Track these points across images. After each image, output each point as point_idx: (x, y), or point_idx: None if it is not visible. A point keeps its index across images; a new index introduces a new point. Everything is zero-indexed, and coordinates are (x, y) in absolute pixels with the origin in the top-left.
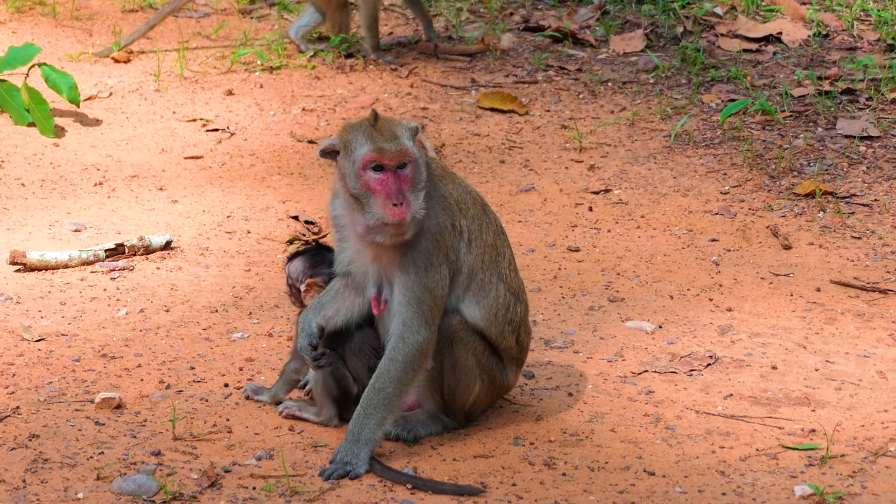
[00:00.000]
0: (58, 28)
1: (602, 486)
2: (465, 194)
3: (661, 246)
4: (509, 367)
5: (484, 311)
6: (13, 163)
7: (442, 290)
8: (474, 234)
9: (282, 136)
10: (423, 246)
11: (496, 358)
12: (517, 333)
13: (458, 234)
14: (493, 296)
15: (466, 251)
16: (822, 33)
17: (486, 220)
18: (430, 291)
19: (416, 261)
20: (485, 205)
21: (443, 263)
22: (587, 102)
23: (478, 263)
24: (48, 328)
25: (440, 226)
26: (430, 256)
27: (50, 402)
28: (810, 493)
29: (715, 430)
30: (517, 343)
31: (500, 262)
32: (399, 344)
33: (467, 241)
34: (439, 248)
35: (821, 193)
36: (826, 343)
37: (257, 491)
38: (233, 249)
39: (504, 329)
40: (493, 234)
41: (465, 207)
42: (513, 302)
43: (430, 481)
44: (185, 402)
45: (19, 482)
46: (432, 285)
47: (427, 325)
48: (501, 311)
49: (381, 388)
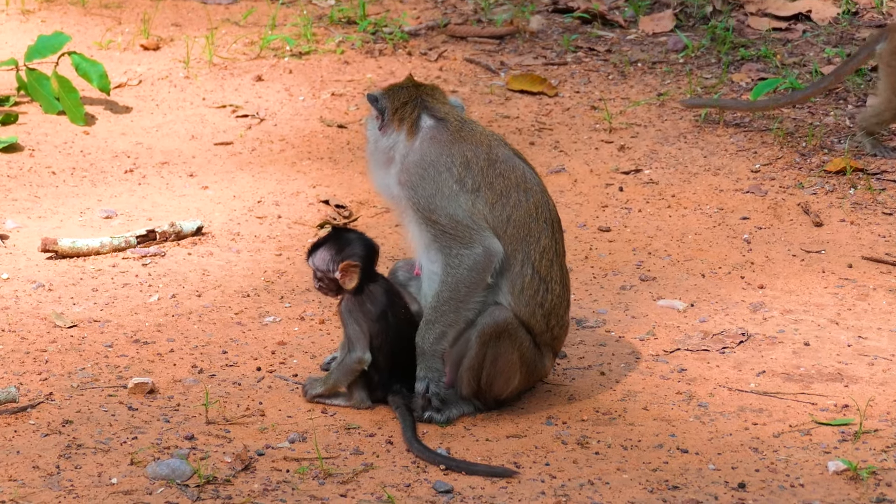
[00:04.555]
0: (87, 16)
1: (635, 464)
2: (488, 162)
3: (692, 225)
4: (546, 355)
5: (509, 284)
6: (44, 151)
7: (458, 217)
8: (493, 199)
9: (311, 121)
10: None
11: (537, 349)
12: (548, 320)
13: (457, 181)
14: (518, 271)
15: (478, 202)
16: (852, 11)
17: (520, 198)
18: (445, 222)
19: (417, 198)
20: (528, 189)
21: (442, 198)
22: (617, 83)
23: (500, 229)
24: (81, 315)
25: (432, 164)
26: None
27: (83, 387)
28: (844, 468)
29: (748, 407)
30: (549, 330)
31: (530, 244)
32: (447, 269)
33: (473, 192)
34: (432, 183)
35: (851, 170)
36: (858, 319)
37: (291, 473)
38: (264, 234)
39: (535, 311)
40: (527, 216)
41: (480, 168)
42: (542, 287)
43: (464, 462)
44: (217, 386)
45: (53, 468)
46: (441, 216)
47: (466, 245)
48: (528, 291)
49: (435, 306)
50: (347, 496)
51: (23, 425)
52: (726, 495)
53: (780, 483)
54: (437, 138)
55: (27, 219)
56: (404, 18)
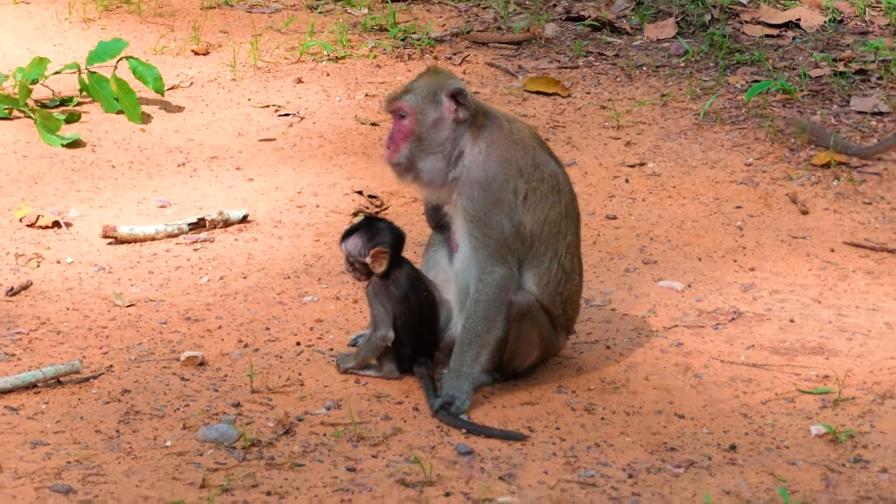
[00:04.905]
0: (142, 24)
1: (637, 428)
2: (534, 167)
3: (690, 213)
4: (561, 334)
5: (537, 278)
6: (104, 147)
7: (503, 234)
8: (534, 202)
9: (347, 119)
10: (477, 196)
11: (554, 329)
12: (565, 306)
13: (513, 192)
14: (546, 266)
15: (524, 210)
16: (837, 19)
17: (555, 199)
18: (492, 236)
19: (475, 211)
20: (561, 190)
21: (498, 212)
22: (624, 85)
23: (537, 230)
24: (138, 295)
25: (491, 179)
26: (485, 205)
27: (140, 360)
28: (824, 431)
29: (738, 378)
30: (564, 313)
31: (559, 241)
32: (479, 286)
33: (522, 200)
34: (491, 199)
35: (835, 164)
36: (839, 298)
37: (327, 437)
38: (303, 222)
39: (555, 300)
40: (559, 215)
41: (529, 175)
42: (564, 279)
43: (483, 426)
44: (261, 359)
45: (114, 432)
46: (492, 231)
47: (500, 263)
48: (553, 283)
49: (470, 328)
50: (378, 457)
51: (86, 394)
52: (718, 456)
53: (767, 445)
54: (495, 143)
55: (89, 208)
56: (431, 26)
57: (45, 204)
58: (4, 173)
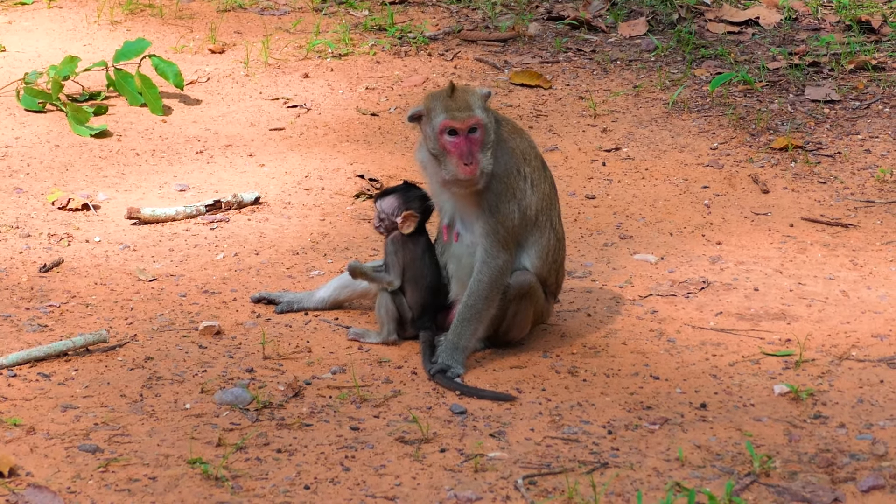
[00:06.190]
0: (164, 26)
1: (616, 389)
2: (530, 148)
3: (661, 193)
4: (551, 301)
5: (538, 251)
6: (129, 136)
7: (513, 222)
8: (536, 181)
9: (349, 110)
10: (495, 188)
11: (546, 300)
12: (557, 273)
13: (524, 178)
14: (546, 238)
15: (531, 193)
16: (793, 17)
17: (545, 174)
18: (503, 224)
19: (490, 201)
20: (544, 163)
21: (511, 201)
22: (600, 78)
23: (540, 205)
24: (159, 270)
25: (508, 171)
26: (500, 196)
27: (162, 330)
28: (787, 390)
29: (708, 342)
30: (556, 281)
31: (552, 210)
32: (483, 267)
33: (530, 184)
34: (508, 189)
35: (793, 147)
36: (798, 269)
37: (333, 399)
38: (310, 203)
39: (550, 269)
40: (549, 186)
41: (529, 158)
42: (558, 246)
43: (475, 388)
44: (272, 328)
45: (137, 396)
46: (504, 219)
47: (504, 250)
48: (551, 254)
49: (472, 305)
50: (380, 417)
51: (112, 361)
52: (690, 413)
53: (735, 403)
54: (505, 137)
55: (115, 192)
56: (425, 26)
57: (75, 188)
58: (38, 161)
